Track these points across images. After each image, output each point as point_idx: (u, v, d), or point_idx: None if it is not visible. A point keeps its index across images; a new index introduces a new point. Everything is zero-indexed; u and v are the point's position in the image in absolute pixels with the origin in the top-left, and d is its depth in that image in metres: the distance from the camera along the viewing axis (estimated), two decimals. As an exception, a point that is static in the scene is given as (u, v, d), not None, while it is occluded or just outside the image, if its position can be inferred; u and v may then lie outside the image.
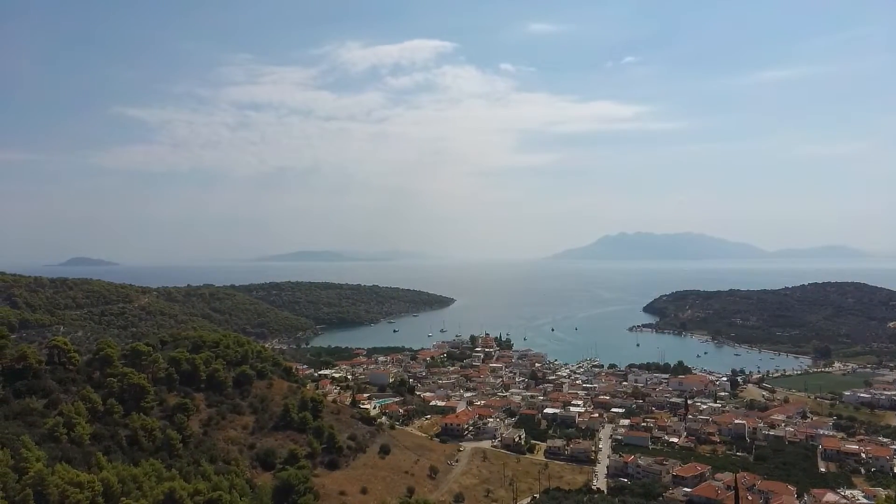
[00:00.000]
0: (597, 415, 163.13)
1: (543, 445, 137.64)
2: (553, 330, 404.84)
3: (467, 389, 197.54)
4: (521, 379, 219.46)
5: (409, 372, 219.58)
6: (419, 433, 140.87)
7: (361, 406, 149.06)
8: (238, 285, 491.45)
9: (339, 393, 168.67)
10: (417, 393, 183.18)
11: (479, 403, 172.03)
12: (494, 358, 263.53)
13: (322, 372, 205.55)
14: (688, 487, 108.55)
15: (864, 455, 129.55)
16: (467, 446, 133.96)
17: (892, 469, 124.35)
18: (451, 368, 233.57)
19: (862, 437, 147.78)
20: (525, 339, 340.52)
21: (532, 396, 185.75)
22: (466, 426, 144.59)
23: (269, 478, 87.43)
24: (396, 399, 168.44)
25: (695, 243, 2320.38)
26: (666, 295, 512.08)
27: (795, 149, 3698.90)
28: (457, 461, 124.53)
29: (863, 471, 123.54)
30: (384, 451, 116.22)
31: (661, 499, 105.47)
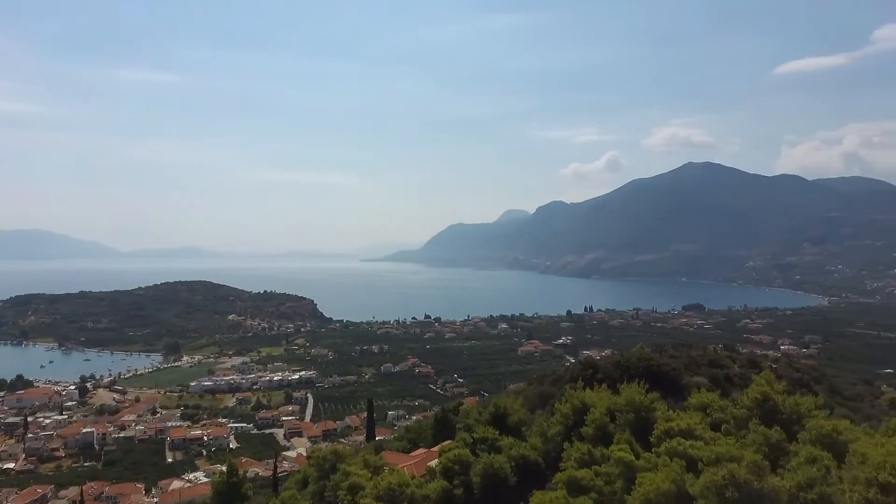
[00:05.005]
0: None
1: None
2: None
3: None
4: None
5: None
6: None
7: None
8: None
9: None
10: None
11: None
12: None
13: None
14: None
15: (206, 438, 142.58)
16: None
17: (228, 445, 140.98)
18: None
19: (205, 421, 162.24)
20: None
21: None
22: None
23: None
24: None
25: (43, 242, 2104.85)
26: (3, 300, 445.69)
27: (149, 151, 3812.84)
28: None
29: (205, 452, 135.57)
30: None
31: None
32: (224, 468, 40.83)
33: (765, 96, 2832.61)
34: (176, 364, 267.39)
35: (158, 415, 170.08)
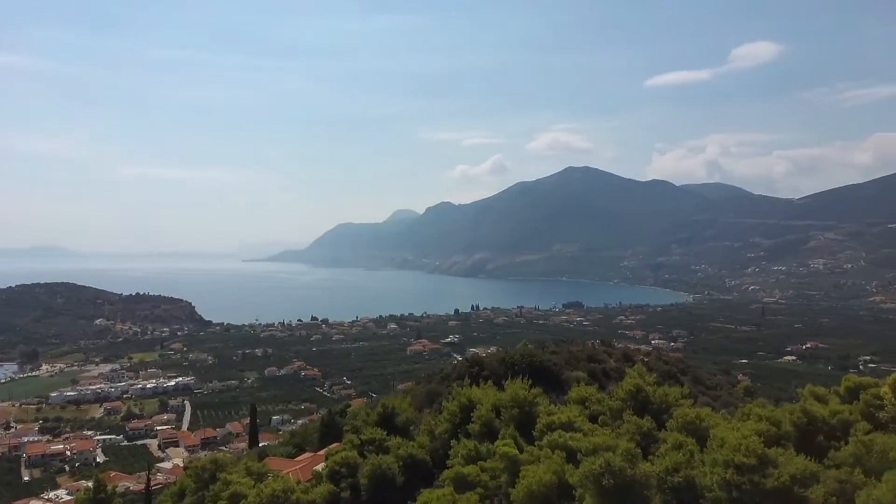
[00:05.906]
0: None
1: None
2: None
3: None
4: None
5: None
6: None
7: None
8: None
9: None
10: None
11: None
12: None
13: None
14: None
15: (69, 453, 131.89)
16: None
17: (95, 459, 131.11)
18: None
19: (68, 435, 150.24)
20: None
21: None
22: None
23: None
24: None
25: None
26: None
27: (15, 142, 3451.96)
28: None
29: (67, 468, 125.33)
30: None
31: None
32: (90, 484, 37.79)
33: (637, 106, 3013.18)
34: (34, 374, 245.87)
35: (13, 430, 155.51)
